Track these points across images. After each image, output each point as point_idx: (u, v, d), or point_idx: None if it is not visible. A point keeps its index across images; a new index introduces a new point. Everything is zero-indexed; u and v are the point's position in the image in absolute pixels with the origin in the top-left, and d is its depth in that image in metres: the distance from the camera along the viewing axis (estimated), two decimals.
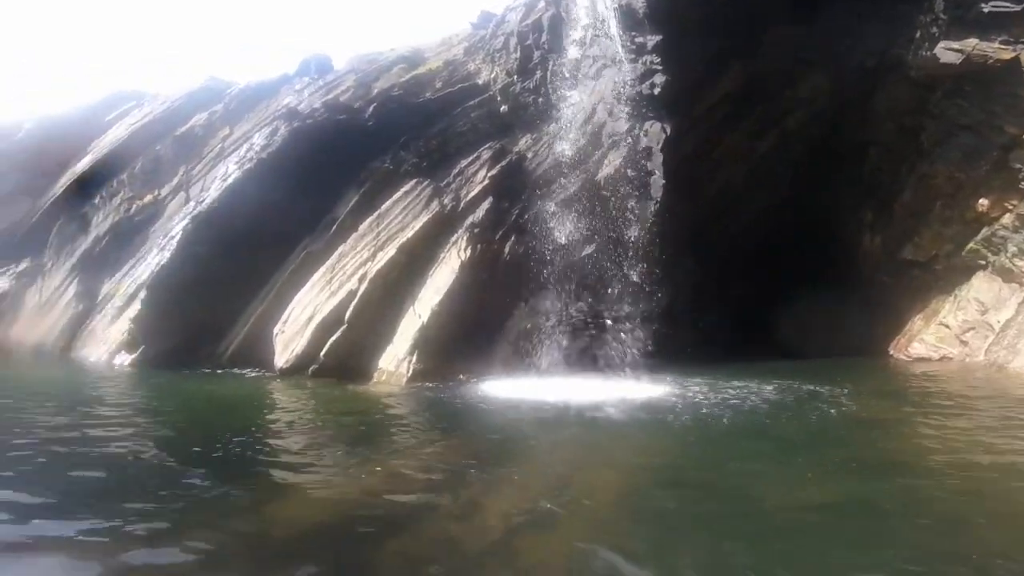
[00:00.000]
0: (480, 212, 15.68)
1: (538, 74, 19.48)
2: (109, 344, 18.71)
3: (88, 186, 22.34)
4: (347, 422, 11.23)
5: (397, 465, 7.98)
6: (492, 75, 20.69)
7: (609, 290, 15.12)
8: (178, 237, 17.63)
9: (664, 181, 16.60)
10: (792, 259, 19.35)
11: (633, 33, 17.77)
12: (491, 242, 15.42)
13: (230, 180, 18.24)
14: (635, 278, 15.16)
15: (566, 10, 19.22)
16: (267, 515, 5.96)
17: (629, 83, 17.44)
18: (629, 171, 16.70)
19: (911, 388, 13.96)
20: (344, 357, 15.16)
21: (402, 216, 15.98)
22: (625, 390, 12.59)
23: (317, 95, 22.25)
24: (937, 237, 18.05)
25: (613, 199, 16.53)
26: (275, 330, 16.10)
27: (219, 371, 16.55)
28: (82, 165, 23.72)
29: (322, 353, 15.24)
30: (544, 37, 19.54)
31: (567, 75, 18.43)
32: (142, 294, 17.63)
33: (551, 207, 15.98)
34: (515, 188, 16.68)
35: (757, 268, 19.89)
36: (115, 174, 22.08)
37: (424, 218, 15.65)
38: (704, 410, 10.69)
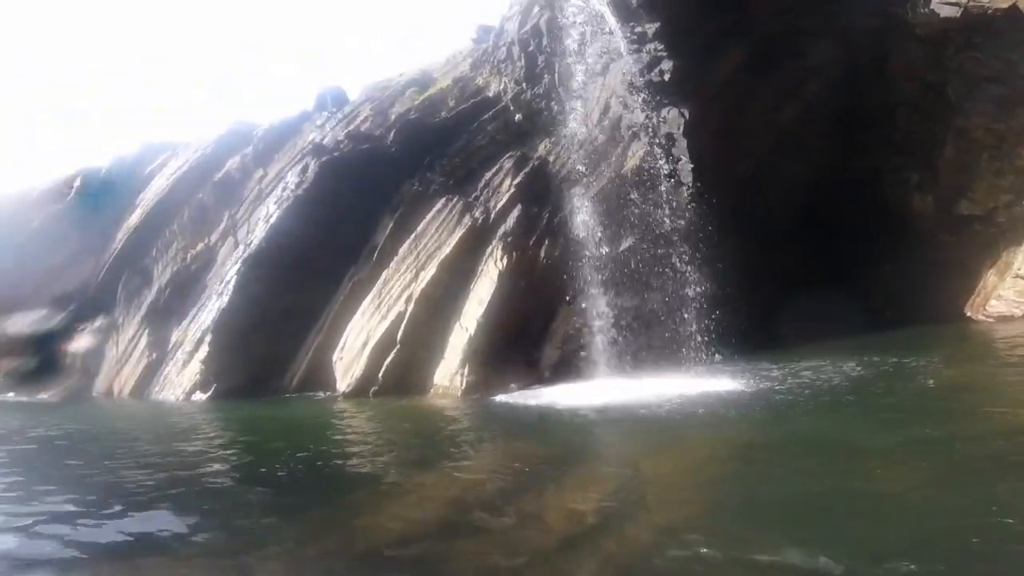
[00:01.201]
0: (511, 220, 16.01)
1: (546, 78, 19.56)
2: (184, 386, 19.79)
3: (144, 239, 23.49)
4: (413, 435, 11.55)
5: (469, 472, 8.14)
6: (501, 87, 20.83)
7: (654, 282, 15.22)
8: (233, 281, 18.55)
9: (692, 165, 16.65)
10: (843, 229, 18.72)
11: (631, 24, 17.57)
12: (526, 248, 15.71)
13: (272, 220, 19.06)
14: (680, 266, 14.94)
15: (560, 11, 19.17)
16: (358, 527, 5.98)
17: (637, 73, 17.48)
18: (654, 160, 16.82)
19: (1004, 349, 12.54)
20: (401, 376, 15.81)
21: (437, 234, 16.47)
22: (688, 383, 11.73)
23: (339, 128, 22.87)
24: (992, 189, 17.17)
25: (642, 190, 16.69)
26: (334, 357, 16.92)
27: (292, 396, 17.58)
28: (134, 219, 24.91)
29: (380, 374, 15.90)
30: (544, 42, 19.55)
31: (574, 75, 18.58)
32: (208, 338, 18.62)
33: (581, 206, 16.26)
34: (542, 192, 16.93)
35: (806, 242, 19.49)
36: (166, 225, 23.22)
37: (458, 233, 16.03)
38: (780, 396, 9.85)
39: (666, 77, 17.23)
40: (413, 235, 16.74)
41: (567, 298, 15.40)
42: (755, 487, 6.29)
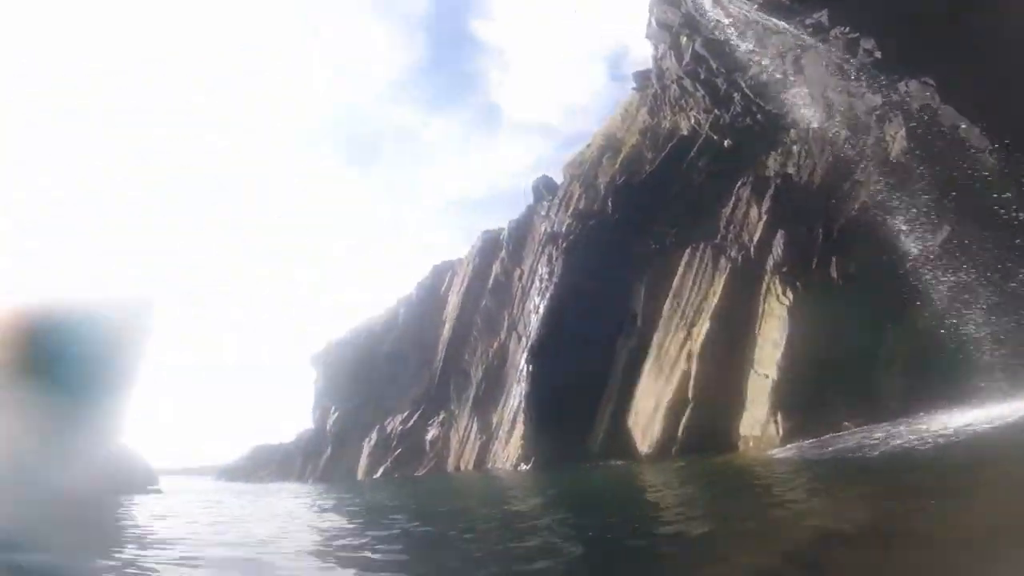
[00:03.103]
0: (777, 249, 12.81)
1: (735, 96, 16.03)
2: (509, 458, 20.66)
3: (456, 347, 26.49)
4: (735, 488, 9.10)
5: (817, 519, 5.82)
6: (692, 121, 18.06)
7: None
8: (524, 370, 19.11)
9: (977, 128, 11.20)
10: None
11: (799, 18, 13.39)
12: (808, 274, 12.16)
13: (541, 312, 19.28)
14: None
15: (709, 31, 15.86)
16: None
17: (839, 60, 13.00)
18: (924, 135, 11.82)
19: None
20: (701, 433, 13.38)
21: (696, 287, 14.05)
22: None
23: (561, 213, 22.72)
24: None
25: (923, 168, 11.76)
26: (629, 423, 15.45)
27: (600, 463, 16.20)
28: (446, 333, 28.51)
29: (679, 434, 13.81)
30: (713, 64, 16.22)
31: (766, 82, 14.79)
32: (519, 418, 19.39)
33: (860, 206, 12.12)
34: (800, 208, 13.26)
35: None
36: (469, 332, 25.90)
37: (719, 280, 13.40)
38: None
39: (877, 55, 12.38)
40: (671, 293, 14.73)
41: (892, 312, 11.04)
42: None
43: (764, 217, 13.50)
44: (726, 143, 16.48)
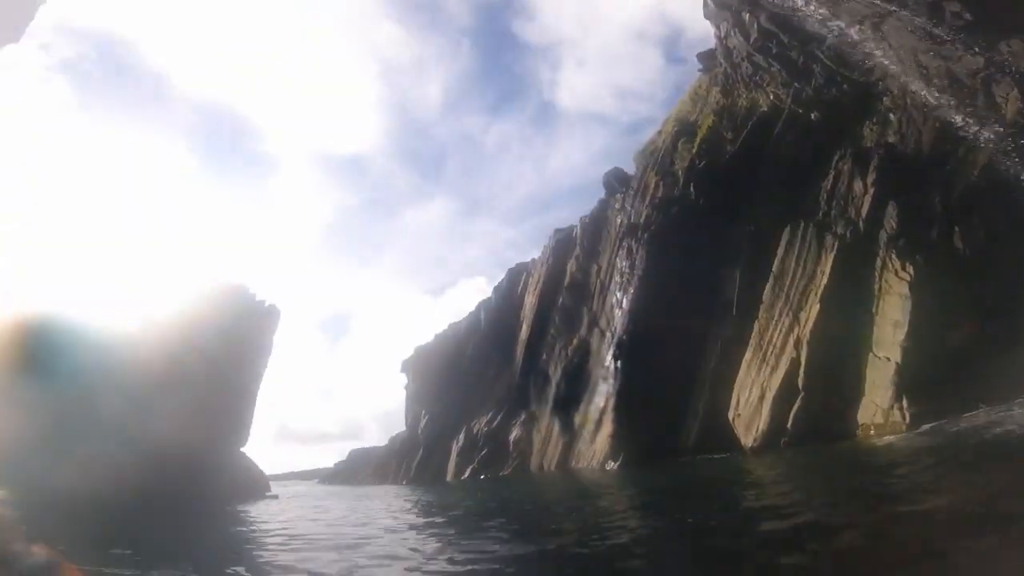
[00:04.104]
0: (890, 221, 11.93)
1: (815, 67, 15.07)
2: (595, 457, 20.42)
3: (534, 347, 26.95)
4: (874, 476, 8.23)
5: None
6: (771, 97, 17.10)
7: None
8: (611, 367, 19.11)
9: None
10: None
11: None
12: (930, 246, 11.31)
13: (624, 306, 19.23)
14: None
15: (774, 4, 15.03)
16: None
17: (923, 24, 11.88)
18: None
19: None
20: (813, 423, 12.70)
21: (799, 268, 13.42)
22: None
23: (638, 204, 22.43)
24: None
25: None
26: (729, 416, 14.98)
27: (695, 458, 15.81)
28: (523, 334, 29.08)
29: (788, 425, 13.23)
30: (784, 37, 15.40)
31: (845, 52, 13.76)
32: (607, 417, 19.34)
33: (980, 171, 11.01)
34: (911, 178, 12.29)
35: None
36: (546, 332, 26.26)
37: (827, 259, 12.70)
38: None
39: (967, 16, 11.24)
40: (771, 277, 14.11)
41: None
42: None
43: (871, 189, 12.68)
44: (813, 116, 15.68)
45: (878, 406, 11.59)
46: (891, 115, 13.71)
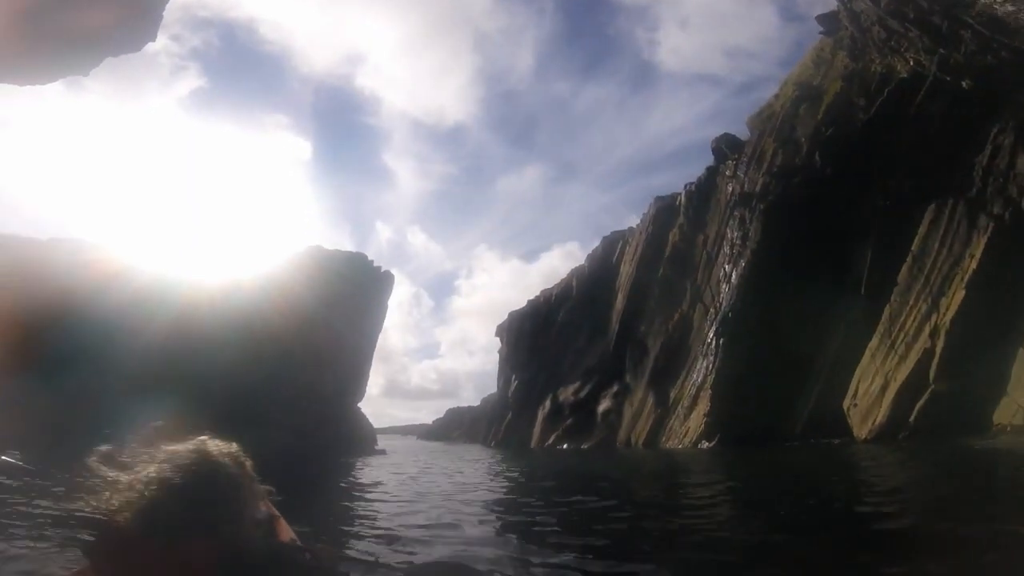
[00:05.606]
0: None
1: (964, 33, 13.08)
2: (689, 435, 20.12)
3: (631, 318, 26.86)
4: None
5: None
6: (911, 63, 15.13)
7: None
8: (714, 343, 18.91)
9: None
10: None
11: None
12: None
13: (733, 280, 18.75)
14: None
15: None
16: None
17: None
18: None
19: None
20: (940, 418, 11.98)
21: (944, 250, 12.37)
22: None
23: (753, 171, 21.13)
24: None
25: None
26: (845, 404, 14.44)
27: (796, 444, 15.28)
28: (619, 304, 29.06)
29: (911, 418, 12.63)
30: (923, 2, 13.50)
31: (1001, 14, 11.71)
32: (706, 394, 19.32)
33: None
34: None
35: None
36: (644, 302, 26.04)
37: (979, 241, 11.63)
38: None
39: None
40: (909, 258, 13.21)
41: None
42: None
43: None
44: (964, 84, 14.01)
45: (1021, 406, 10.77)
46: None
